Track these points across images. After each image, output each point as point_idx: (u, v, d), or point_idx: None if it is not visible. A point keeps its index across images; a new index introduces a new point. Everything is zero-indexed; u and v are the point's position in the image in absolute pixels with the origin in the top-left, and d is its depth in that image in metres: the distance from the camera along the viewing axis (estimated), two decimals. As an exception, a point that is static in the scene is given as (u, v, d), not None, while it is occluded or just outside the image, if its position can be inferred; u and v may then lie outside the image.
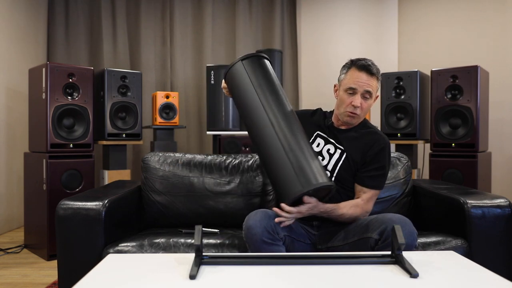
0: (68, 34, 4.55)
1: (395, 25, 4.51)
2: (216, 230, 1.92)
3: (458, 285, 1.02)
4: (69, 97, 2.99)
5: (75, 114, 3.02)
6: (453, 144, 3.15)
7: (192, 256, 1.18)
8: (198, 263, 1.13)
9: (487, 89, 3.31)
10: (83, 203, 1.73)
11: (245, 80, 1.63)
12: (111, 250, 1.70)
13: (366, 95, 1.69)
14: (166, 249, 1.74)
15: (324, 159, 1.75)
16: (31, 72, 3.11)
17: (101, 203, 1.73)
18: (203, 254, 1.19)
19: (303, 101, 4.66)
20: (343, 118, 1.74)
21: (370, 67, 1.68)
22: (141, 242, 1.77)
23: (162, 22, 4.69)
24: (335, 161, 1.74)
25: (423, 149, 3.72)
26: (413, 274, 1.06)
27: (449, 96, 3.18)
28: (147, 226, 2.12)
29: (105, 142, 3.39)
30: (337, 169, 1.73)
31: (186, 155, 2.21)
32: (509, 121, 3.98)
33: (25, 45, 4.05)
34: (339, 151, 1.75)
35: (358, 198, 1.71)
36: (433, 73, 3.26)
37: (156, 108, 3.71)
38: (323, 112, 1.90)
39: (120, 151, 3.53)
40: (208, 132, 3.67)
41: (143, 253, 1.47)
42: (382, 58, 4.38)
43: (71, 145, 2.99)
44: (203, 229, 1.87)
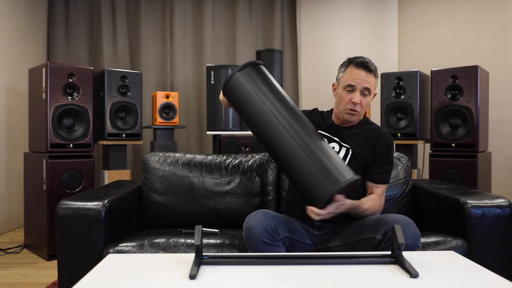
0: (68, 34, 4.55)
1: (395, 25, 4.51)
2: (216, 230, 1.92)
3: (458, 285, 1.02)
4: (69, 97, 2.99)
5: (75, 114, 3.02)
6: (453, 144, 3.15)
7: (192, 256, 1.18)
8: (198, 263, 1.13)
9: (487, 89, 3.31)
10: (83, 203, 1.73)
11: (248, 91, 1.57)
12: (111, 250, 1.71)
13: (365, 92, 1.70)
14: (166, 249, 1.74)
15: None
16: (31, 72, 3.12)
17: (101, 203, 1.73)
18: (203, 254, 1.19)
19: (303, 101, 4.66)
20: (343, 116, 1.75)
21: (368, 64, 1.70)
22: (141, 242, 1.77)
23: (162, 22, 4.69)
24: (342, 159, 1.74)
25: (423, 149, 3.72)
26: (413, 274, 1.06)
27: (449, 96, 3.18)
28: (147, 226, 2.12)
29: (105, 142, 3.39)
30: None
31: (186, 155, 2.21)
32: (509, 121, 3.98)
33: (25, 45, 4.05)
34: (345, 149, 1.75)
35: (373, 194, 1.73)
36: (433, 73, 3.26)
37: (156, 108, 3.71)
38: (320, 112, 1.90)
39: (120, 151, 3.54)
40: (208, 132, 3.67)
41: (143, 253, 1.47)
42: (382, 58, 4.38)
43: (71, 145, 2.99)
44: (203, 229, 1.87)
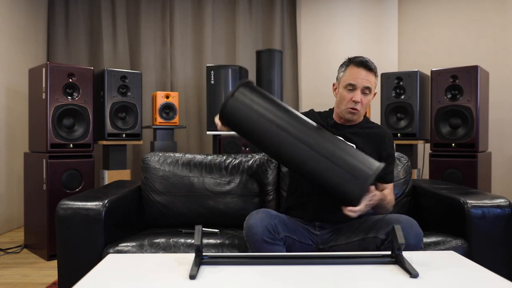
0: (68, 34, 4.55)
1: (395, 25, 4.51)
2: (216, 230, 1.92)
3: (458, 285, 1.02)
4: (69, 97, 2.99)
5: (75, 114, 3.02)
6: (453, 144, 3.15)
7: (192, 256, 1.18)
8: (198, 263, 1.13)
9: (487, 89, 3.31)
10: (83, 203, 1.73)
11: (248, 115, 1.50)
12: (111, 250, 1.70)
13: (366, 91, 1.71)
14: (166, 249, 1.74)
15: None
16: (31, 72, 3.11)
17: (101, 203, 1.73)
18: (203, 254, 1.19)
19: (303, 101, 4.66)
20: (345, 115, 1.75)
21: (368, 63, 1.71)
22: (141, 242, 1.77)
23: (162, 22, 4.69)
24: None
25: (423, 149, 3.72)
26: (413, 274, 1.06)
27: (449, 96, 3.18)
28: (147, 226, 2.12)
29: (105, 142, 3.39)
30: None
31: (186, 155, 2.21)
32: (509, 121, 3.98)
33: (25, 45, 4.05)
34: None
35: (386, 189, 1.75)
36: (433, 73, 3.26)
37: (156, 108, 3.71)
38: (317, 113, 1.89)
39: (120, 151, 3.53)
40: (208, 132, 3.67)
41: (143, 253, 1.47)
42: (382, 58, 4.38)
43: (71, 145, 2.99)
44: (203, 229, 1.87)
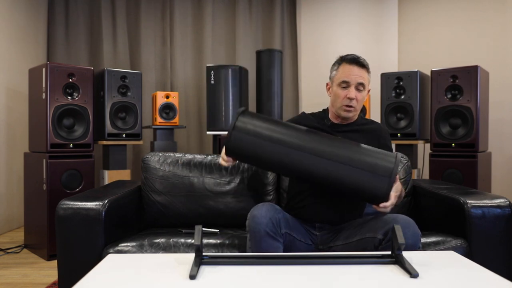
0: (68, 34, 4.55)
1: (395, 25, 4.51)
2: (216, 230, 1.92)
3: (458, 285, 1.02)
4: (69, 97, 2.99)
5: (75, 114, 3.02)
6: (453, 144, 3.15)
7: (192, 256, 1.18)
8: (198, 263, 1.13)
9: (487, 89, 3.31)
10: (83, 203, 1.73)
11: (254, 140, 1.51)
12: (111, 250, 1.70)
13: (360, 87, 1.72)
14: (166, 249, 1.74)
15: None
16: (31, 72, 3.11)
17: (101, 203, 1.73)
18: (203, 254, 1.19)
19: (303, 101, 4.66)
20: (341, 114, 1.76)
21: (360, 60, 1.73)
22: (141, 242, 1.77)
23: (162, 22, 4.69)
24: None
25: (423, 149, 3.72)
26: (413, 274, 1.06)
27: (449, 96, 3.18)
28: (147, 226, 2.12)
29: (105, 142, 3.39)
30: None
31: (186, 155, 2.21)
32: (509, 121, 3.98)
33: (25, 45, 4.05)
34: None
35: None
36: (433, 73, 3.26)
37: (156, 108, 3.71)
38: (310, 114, 1.89)
39: (120, 151, 3.53)
40: (208, 132, 3.67)
41: (143, 253, 1.47)
42: (382, 58, 4.38)
43: (71, 145, 2.99)
44: (203, 229, 1.87)
